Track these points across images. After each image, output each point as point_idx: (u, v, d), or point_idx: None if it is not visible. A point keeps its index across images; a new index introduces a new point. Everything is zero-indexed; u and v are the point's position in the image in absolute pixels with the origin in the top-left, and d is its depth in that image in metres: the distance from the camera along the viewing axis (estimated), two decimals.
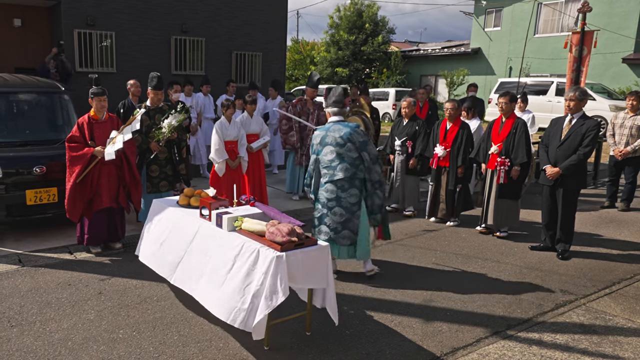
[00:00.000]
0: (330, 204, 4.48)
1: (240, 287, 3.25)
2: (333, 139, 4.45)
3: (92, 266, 4.89)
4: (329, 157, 4.48)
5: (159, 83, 5.79)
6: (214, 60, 12.40)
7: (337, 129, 4.47)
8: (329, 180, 4.48)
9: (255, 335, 3.21)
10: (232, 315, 3.22)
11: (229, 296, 3.29)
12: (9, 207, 5.35)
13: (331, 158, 4.46)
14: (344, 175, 4.42)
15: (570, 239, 5.48)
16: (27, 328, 3.66)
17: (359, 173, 4.48)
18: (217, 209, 3.84)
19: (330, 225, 4.49)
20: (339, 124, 4.51)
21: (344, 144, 4.41)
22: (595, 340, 3.72)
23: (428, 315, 4.04)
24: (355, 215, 4.49)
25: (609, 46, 18.78)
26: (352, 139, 4.41)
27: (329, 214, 4.49)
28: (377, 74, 26.97)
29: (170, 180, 5.95)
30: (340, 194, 4.45)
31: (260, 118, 6.95)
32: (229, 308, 3.26)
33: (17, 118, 6.16)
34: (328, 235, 4.49)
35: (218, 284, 3.42)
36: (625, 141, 7.38)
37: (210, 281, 3.51)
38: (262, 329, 3.23)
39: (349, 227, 4.47)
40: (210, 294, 3.47)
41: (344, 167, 4.42)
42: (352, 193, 4.46)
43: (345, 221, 4.47)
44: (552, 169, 5.32)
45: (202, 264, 3.63)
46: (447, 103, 6.54)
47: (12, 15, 11.42)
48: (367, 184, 4.51)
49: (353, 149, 4.42)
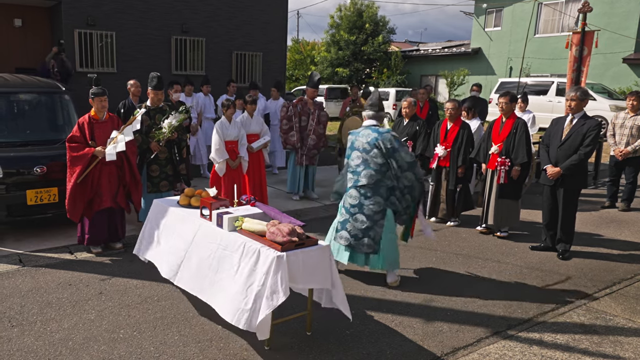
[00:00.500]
0: (352, 210, 4.43)
1: (243, 287, 3.26)
2: (360, 144, 4.40)
3: (92, 266, 4.89)
4: (355, 162, 4.43)
5: (159, 83, 5.79)
6: (214, 60, 12.41)
7: (366, 134, 4.40)
8: (353, 186, 4.43)
9: (260, 336, 3.23)
10: (237, 316, 3.24)
11: (233, 297, 3.30)
12: (9, 207, 5.35)
13: (357, 163, 4.42)
14: (367, 182, 4.35)
15: (570, 239, 5.47)
16: (27, 328, 3.66)
17: (385, 180, 4.36)
18: (217, 209, 3.84)
19: (351, 232, 4.44)
20: (369, 129, 4.42)
21: (370, 149, 4.33)
22: (595, 340, 3.72)
23: (428, 315, 4.04)
24: (378, 224, 4.38)
25: (610, 46, 18.77)
26: (378, 145, 4.30)
27: (351, 220, 4.44)
28: (378, 74, 26.96)
29: (170, 180, 5.95)
30: (363, 201, 4.38)
31: (260, 118, 6.95)
32: (233, 309, 3.27)
33: (17, 118, 6.17)
34: (348, 241, 4.45)
35: (222, 285, 3.43)
36: (625, 141, 7.38)
37: (214, 282, 3.52)
38: (266, 329, 3.24)
39: (369, 235, 4.40)
40: (215, 295, 3.48)
41: (368, 174, 4.35)
42: (375, 201, 4.36)
43: (366, 229, 4.40)
44: (552, 168, 5.32)
45: (205, 266, 3.64)
46: (447, 103, 6.54)
47: (13, 16, 11.43)
48: (396, 191, 4.39)
49: (379, 155, 4.31)
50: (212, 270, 3.56)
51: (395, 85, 25.00)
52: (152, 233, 4.38)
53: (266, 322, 3.22)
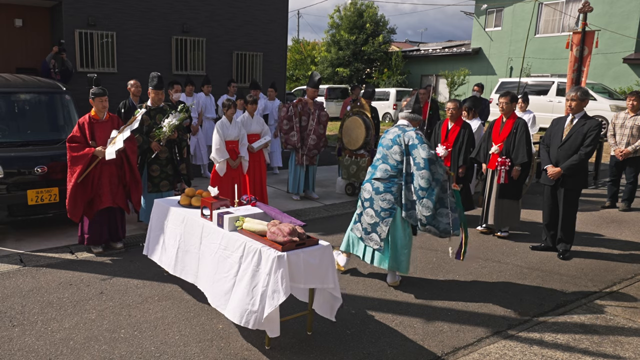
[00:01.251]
0: (365, 204, 4.45)
1: (248, 289, 3.29)
2: (385, 141, 4.43)
3: (93, 266, 4.89)
4: (377, 157, 4.47)
5: (160, 83, 5.79)
6: (214, 60, 12.41)
7: (393, 131, 4.43)
8: (369, 179, 4.46)
9: (271, 333, 3.27)
10: (245, 318, 3.27)
11: (240, 299, 3.33)
12: (10, 207, 5.36)
13: (378, 157, 4.45)
14: (380, 175, 4.33)
15: (571, 239, 5.47)
16: (28, 328, 3.67)
17: (399, 178, 4.29)
18: (218, 208, 3.84)
19: (363, 224, 4.49)
20: (397, 127, 4.45)
21: (391, 146, 4.33)
22: (596, 340, 3.72)
23: (429, 315, 4.04)
24: (384, 221, 4.31)
25: (610, 46, 18.77)
26: (399, 142, 4.28)
27: (363, 214, 4.48)
28: (378, 74, 26.97)
29: (171, 180, 5.95)
30: (374, 196, 4.36)
31: (261, 118, 6.95)
32: (240, 310, 3.31)
33: (18, 118, 6.17)
34: (361, 233, 4.50)
35: (228, 286, 3.46)
36: (626, 141, 7.38)
37: (218, 283, 3.55)
38: (276, 327, 3.27)
39: (376, 231, 4.37)
40: (222, 296, 3.51)
41: (384, 168, 4.34)
42: (385, 198, 4.29)
43: (374, 224, 4.38)
44: (553, 169, 5.32)
45: (211, 267, 3.67)
46: (449, 103, 6.54)
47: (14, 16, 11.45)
48: (409, 192, 4.27)
49: (398, 152, 4.28)
50: (217, 272, 3.60)
51: (396, 85, 25.01)
52: (158, 235, 4.44)
53: (275, 320, 3.25)
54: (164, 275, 4.64)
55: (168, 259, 4.25)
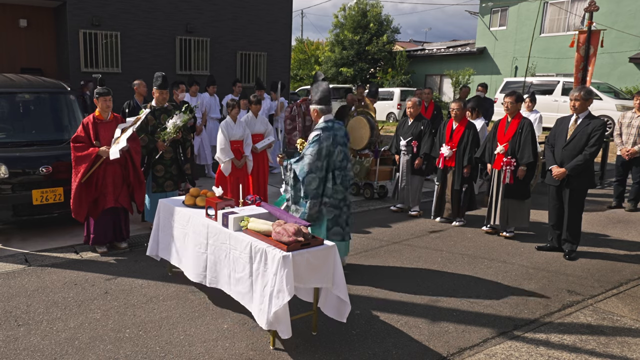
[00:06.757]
0: (341, 204, 4.52)
1: (261, 289, 3.32)
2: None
3: (98, 266, 4.90)
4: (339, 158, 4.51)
5: (164, 82, 5.80)
6: (218, 60, 12.41)
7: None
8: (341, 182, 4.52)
9: (283, 335, 3.27)
10: (259, 318, 3.33)
11: (256, 299, 3.38)
12: (15, 206, 5.37)
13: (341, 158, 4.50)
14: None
15: (577, 239, 5.44)
16: (34, 327, 3.67)
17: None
18: (223, 208, 3.84)
19: (342, 224, 4.56)
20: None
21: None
22: (602, 341, 3.69)
23: (434, 316, 4.02)
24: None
25: (616, 45, 18.67)
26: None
27: (341, 214, 4.53)
28: (382, 73, 26.93)
29: (175, 180, 5.96)
30: (346, 193, 4.56)
31: (265, 118, 6.94)
32: (257, 311, 3.37)
33: (23, 118, 6.18)
34: (342, 236, 4.54)
35: (247, 286, 3.49)
36: (632, 141, 7.33)
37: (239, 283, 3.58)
38: (287, 328, 3.26)
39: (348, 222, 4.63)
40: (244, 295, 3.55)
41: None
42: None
43: (348, 216, 4.62)
44: (558, 169, 5.29)
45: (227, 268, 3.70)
46: (453, 103, 6.52)
47: (18, 16, 11.48)
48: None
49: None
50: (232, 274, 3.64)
51: (400, 85, 24.96)
52: (166, 234, 4.45)
53: (286, 321, 3.25)
54: (168, 275, 4.64)
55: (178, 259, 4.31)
